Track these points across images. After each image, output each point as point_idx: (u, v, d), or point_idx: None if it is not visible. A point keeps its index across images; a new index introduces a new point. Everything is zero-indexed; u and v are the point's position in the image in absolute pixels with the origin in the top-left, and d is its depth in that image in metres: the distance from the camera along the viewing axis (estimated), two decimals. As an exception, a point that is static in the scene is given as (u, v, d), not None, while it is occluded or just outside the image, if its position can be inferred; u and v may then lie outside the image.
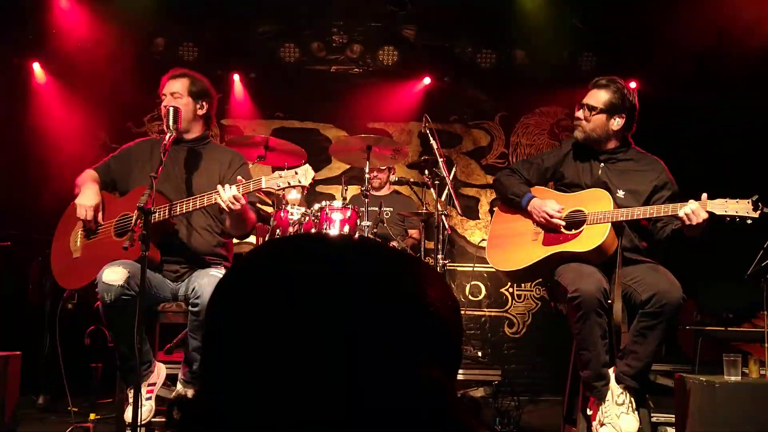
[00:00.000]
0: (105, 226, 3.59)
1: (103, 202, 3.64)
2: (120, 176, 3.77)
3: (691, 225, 3.27)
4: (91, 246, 3.61)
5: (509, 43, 7.15)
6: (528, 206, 3.74)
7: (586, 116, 3.68)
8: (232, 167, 3.71)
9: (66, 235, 3.74)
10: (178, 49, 7.10)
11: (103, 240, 3.58)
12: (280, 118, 7.34)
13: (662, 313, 3.27)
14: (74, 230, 3.70)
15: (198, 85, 3.71)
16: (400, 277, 0.69)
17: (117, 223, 3.54)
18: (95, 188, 3.63)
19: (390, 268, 0.69)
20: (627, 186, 3.64)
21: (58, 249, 3.75)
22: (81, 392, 4.42)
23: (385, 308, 0.65)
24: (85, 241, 3.64)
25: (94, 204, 3.55)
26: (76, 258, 3.65)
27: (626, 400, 3.39)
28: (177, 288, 3.58)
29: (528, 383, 6.67)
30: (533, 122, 7.39)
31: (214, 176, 3.67)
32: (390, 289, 0.66)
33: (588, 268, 3.44)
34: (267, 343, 0.63)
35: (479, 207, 7.29)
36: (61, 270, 3.72)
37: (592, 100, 3.68)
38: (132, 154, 3.79)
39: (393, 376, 0.62)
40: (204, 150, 3.77)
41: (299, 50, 7.15)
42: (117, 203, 3.66)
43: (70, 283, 3.67)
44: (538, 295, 7.09)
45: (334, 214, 4.76)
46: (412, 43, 7.26)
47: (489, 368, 4.75)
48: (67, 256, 3.68)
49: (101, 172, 3.78)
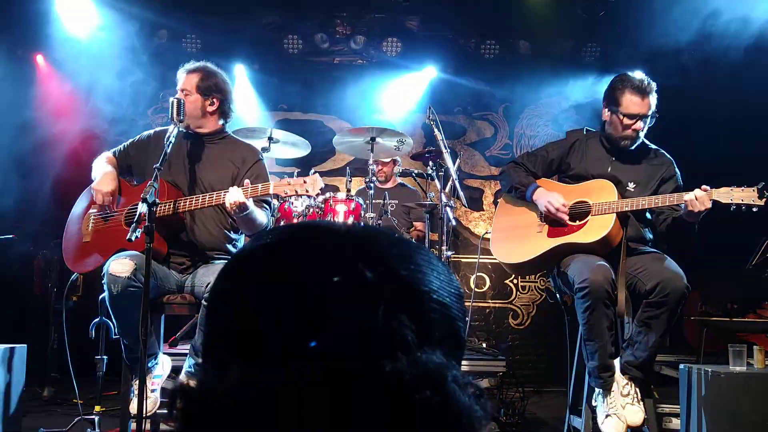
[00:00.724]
0: (117, 213, 3.61)
1: (119, 188, 3.66)
2: (137, 163, 3.77)
3: (692, 211, 3.26)
4: (101, 232, 3.63)
5: (513, 34, 7.13)
6: (533, 197, 3.72)
7: (643, 127, 3.61)
8: (246, 164, 3.71)
9: (80, 217, 3.76)
10: (182, 40, 7.09)
11: (113, 227, 3.59)
12: (283, 110, 7.34)
13: (666, 302, 3.27)
14: (88, 213, 3.72)
15: (208, 81, 3.69)
16: (402, 264, 0.68)
17: (128, 211, 3.55)
18: (113, 174, 3.65)
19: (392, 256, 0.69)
20: (637, 178, 3.63)
21: (71, 230, 3.78)
22: (86, 385, 4.43)
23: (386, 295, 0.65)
24: (96, 226, 3.66)
25: (110, 190, 3.57)
26: (86, 242, 3.67)
27: (631, 390, 3.39)
28: (183, 280, 3.58)
29: (532, 374, 6.69)
30: (537, 113, 7.37)
31: (227, 173, 3.67)
32: (391, 277, 0.66)
33: (596, 259, 3.43)
34: (266, 332, 0.64)
35: (483, 198, 7.28)
36: (71, 252, 3.74)
37: (651, 109, 3.58)
38: (150, 142, 3.79)
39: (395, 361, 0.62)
40: (219, 145, 3.77)
41: (303, 42, 7.14)
42: (132, 192, 3.67)
43: (76, 265, 3.69)
44: (543, 286, 7.09)
45: (338, 206, 4.77)
46: (415, 34, 7.25)
47: (494, 359, 4.75)
48: (78, 238, 3.71)
49: (119, 156, 3.79)
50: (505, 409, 4.68)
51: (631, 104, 3.54)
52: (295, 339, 0.62)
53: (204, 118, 3.72)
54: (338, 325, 0.62)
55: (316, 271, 0.65)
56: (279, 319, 0.64)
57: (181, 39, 7.09)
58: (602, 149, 3.74)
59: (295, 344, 0.62)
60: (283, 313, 0.64)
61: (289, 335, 0.63)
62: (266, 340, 0.64)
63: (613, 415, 3.36)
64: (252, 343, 0.64)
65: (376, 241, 0.70)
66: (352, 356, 0.61)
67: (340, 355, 0.61)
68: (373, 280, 0.64)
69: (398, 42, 7.15)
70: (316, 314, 0.63)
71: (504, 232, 3.89)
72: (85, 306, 5.31)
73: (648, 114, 3.56)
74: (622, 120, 3.57)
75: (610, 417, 3.36)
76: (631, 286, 3.43)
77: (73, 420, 3.94)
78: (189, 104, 3.62)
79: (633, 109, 3.54)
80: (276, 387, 0.61)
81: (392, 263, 0.67)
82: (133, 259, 3.23)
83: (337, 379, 0.61)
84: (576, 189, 3.70)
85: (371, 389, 0.61)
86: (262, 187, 3.32)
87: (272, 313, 0.64)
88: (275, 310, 0.64)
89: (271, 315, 0.64)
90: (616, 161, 3.69)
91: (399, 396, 0.61)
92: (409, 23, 7.23)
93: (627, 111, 3.55)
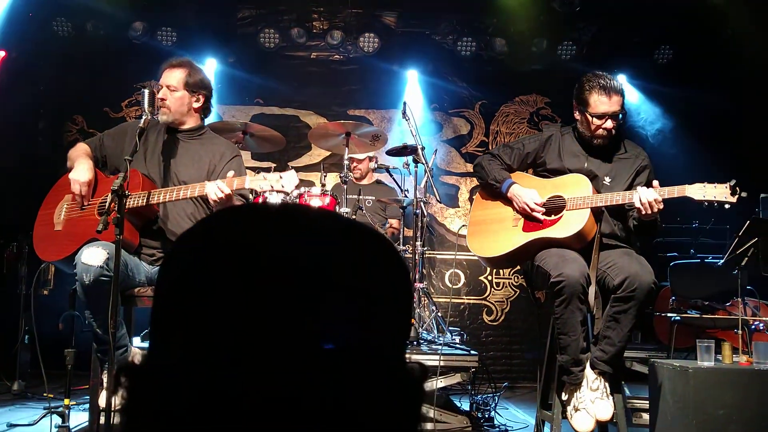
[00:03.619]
0: (91, 203, 3.57)
1: (96, 180, 3.62)
2: (111, 154, 3.75)
3: (647, 213, 3.32)
4: (73, 221, 3.60)
5: (489, 31, 7.15)
6: (508, 193, 3.74)
7: (614, 125, 3.63)
8: (224, 159, 3.70)
9: (53, 206, 3.72)
10: (157, 33, 7.02)
11: (85, 217, 3.56)
12: (259, 105, 7.30)
13: (634, 297, 3.31)
14: (61, 202, 3.69)
15: (195, 77, 3.68)
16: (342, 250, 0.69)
17: (101, 202, 3.52)
18: (89, 164, 3.61)
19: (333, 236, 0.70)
20: (612, 172, 3.67)
21: (43, 219, 3.74)
22: (55, 378, 4.39)
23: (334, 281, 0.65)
24: (68, 215, 3.62)
25: (87, 179, 3.53)
26: (57, 231, 3.64)
27: (600, 385, 3.42)
28: (153, 272, 3.55)
29: (506, 370, 6.73)
30: (513, 111, 7.41)
31: (204, 168, 3.65)
32: (331, 262, 0.67)
33: (571, 253, 3.46)
34: (209, 312, 0.64)
35: (459, 195, 7.30)
36: (40, 240, 3.70)
37: (619, 107, 3.60)
38: (126, 134, 3.76)
39: (340, 347, 0.63)
40: (199, 141, 3.75)
41: (279, 36, 7.10)
42: (107, 182, 3.63)
43: (46, 254, 3.65)
44: (517, 282, 7.13)
45: (312, 201, 4.76)
46: (392, 30, 7.25)
47: (467, 355, 4.77)
48: (49, 226, 3.67)
49: (93, 147, 3.76)
50: (478, 405, 4.70)
51: (598, 104, 3.57)
52: (227, 317, 0.63)
53: (188, 114, 3.71)
54: (267, 304, 0.63)
55: (242, 251, 0.65)
56: (213, 298, 0.64)
57: (157, 32, 7.02)
58: (577, 144, 3.77)
59: (228, 322, 0.62)
60: (216, 293, 0.64)
61: (223, 313, 0.63)
62: (204, 317, 0.64)
63: (582, 409, 3.39)
64: (192, 321, 0.64)
65: (300, 218, 0.71)
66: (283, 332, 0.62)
67: (272, 330, 0.62)
68: (296, 261, 0.65)
69: (375, 38, 7.14)
70: (246, 294, 0.63)
71: (480, 226, 3.91)
72: (56, 299, 5.25)
73: (618, 112, 3.59)
74: (591, 120, 3.61)
75: (580, 411, 3.39)
76: (600, 281, 3.47)
77: (43, 414, 3.90)
78: (176, 100, 3.62)
79: (601, 108, 3.57)
80: (214, 362, 0.61)
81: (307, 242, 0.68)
82: (105, 248, 3.20)
83: (264, 353, 0.61)
84: (551, 183, 3.73)
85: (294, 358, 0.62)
86: (238, 181, 3.31)
87: (206, 293, 0.65)
88: (209, 290, 0.65)
89: (205, 295, 0.65)
90: (591, 156, 3.73)
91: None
92: (387, 19, 7.23)
93: (595, 111, 3.58)
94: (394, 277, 0.72)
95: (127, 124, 3.84)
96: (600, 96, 3.57)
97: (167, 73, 3.66)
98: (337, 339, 0.63)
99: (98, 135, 3.86)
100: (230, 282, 0.64)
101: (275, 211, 0.71)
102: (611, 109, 3.57)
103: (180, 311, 0.66)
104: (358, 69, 7.31)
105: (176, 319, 0.66)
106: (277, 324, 0.62)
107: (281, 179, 3.29)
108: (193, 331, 0.64)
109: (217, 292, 0.64)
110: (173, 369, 0.63)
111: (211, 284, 0.65)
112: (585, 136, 3.70)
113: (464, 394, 5.06)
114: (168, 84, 3.63)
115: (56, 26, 6.89)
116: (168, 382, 0.63)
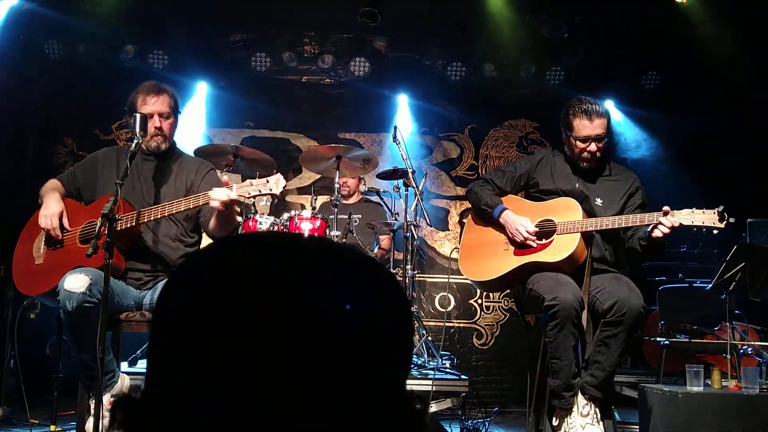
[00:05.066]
0: (70, 233, 3.54)
1: (70, 210, 3.59)
2: (85, 184, 3.72)
3: (664, 235, 3.34)
4: (54, 253, 3.55)
5: (478, 57, 7.21)
6: (500, 218, 3.77)
7: (599, 147, 3.70)
8: (200, 174, 3.70)
9: (29, 242, 3.67)
10: (148, 56, 7.03)
11: (67, 247, 3.52)
12: (250, 128, 7.31)
13: (623, 322, 3.32)
14: (38, 237, 3.64)
15: (176, 99, 3.71)
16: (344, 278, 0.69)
17: (83, 230, 3.49)
18: (57, 197, 3.58)
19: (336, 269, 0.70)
20: (603, 194, 3.71)
21: (20, 255, 3.69)
22: (42, 404, 4.33)
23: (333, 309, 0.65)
24: (47, 248, 3.58)
25: (57, 212, 3.50)
26: (38, 264, 3.58)
27: (591, 411, 3.42)
28: (141, 296, 3.53)
29: (496, 395, 6.70)
30: (502, 135, 7.45)
31: (181, 186, 3.65)
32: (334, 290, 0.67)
33: (564, 277, 3.48)
34: (212, 341, 0.64)
35: (449, 218, 7.31)
36: (21, 276, 3.65)
37: (602, 130, 3.68)
38: (98, 162, 3.75)
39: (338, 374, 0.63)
40: (172, 160, 3.75)
41: (270, 60, 7.13)
42: (83, 211, 3.61)
43: (30, 289, 3.59)
44: (507, 306, 7.13)
45: (303, 224, 4.76)
46: (383, 54, 7.30)
47: (457, 379, 4.75)
48: (29, 262, 3.62)
49: (65, 181, 3.74)
50: (468, 430, 4.67)
51: (581, 128, 3.65)
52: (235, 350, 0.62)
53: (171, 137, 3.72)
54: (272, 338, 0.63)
55: (253, 284, 0.65)
56: (218, 330, 0.64)
57: (148, 55, 7.04)
58: (568, 167, 3.82)
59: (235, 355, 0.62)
60: (222, 325, 0.64)
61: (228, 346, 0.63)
62: (207, 351, 0.64)
63: (573, 435, 3.38)
64: (194, 353, 0.64)
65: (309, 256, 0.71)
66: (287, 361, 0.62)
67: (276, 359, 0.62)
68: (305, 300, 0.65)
69: (366, 62, 7.18)
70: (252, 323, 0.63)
71: (471, 249, 3.93)
72: (43, 323, 5.21)
73: (601, 135, 3.66)
74: (575, 143, 3.68)
75: (570, 437, 3.38)
76: (590, 306, 3.48)
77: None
78: (171, 127, 3.64)
79: (584, 132, 3.65)
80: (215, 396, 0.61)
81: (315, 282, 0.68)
82: (88, 274, 3.16)
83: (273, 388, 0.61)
84: (542, 207, 3.76)
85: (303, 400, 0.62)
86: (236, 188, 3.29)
87: (212, 325, 0.65)
88: (215, 323, 0.64)
89: (211, 327, 0.65)
90: (582, 178, 3.78)
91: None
92: (377, 44, 7.28)
93: (578, 134, 3.66)
94: (397, 308, 0.72)
95: (98, 153, 3.83)
96: (582, 120, 3.65)
97: (156, 101, 3.61)
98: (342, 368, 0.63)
99: (69, 169, 3.86)
100: (237, 310, 0.64)
101: (278, 239, 0.71)
102: (594, 132, 3.65)
103: (183, 339, 0.66)
104: (348, 93, 7.35)
105: (178, 347, 0.66)
106: (281, 353, 0.62)
107: (268, 183, 3.27)
108: (196, 359, 0.63)
109: (224, 321, 0.64)
110: (174, 398, 0.62)
111: (217, 313, 0.64)
112: (572, 159, 3.77)
113: (455, 419, 5.03)
114: (161, 112, 3.61)
115: (47, 49, 6.90)
116: (169, 412, 0.63)
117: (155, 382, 0.67)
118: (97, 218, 3.20)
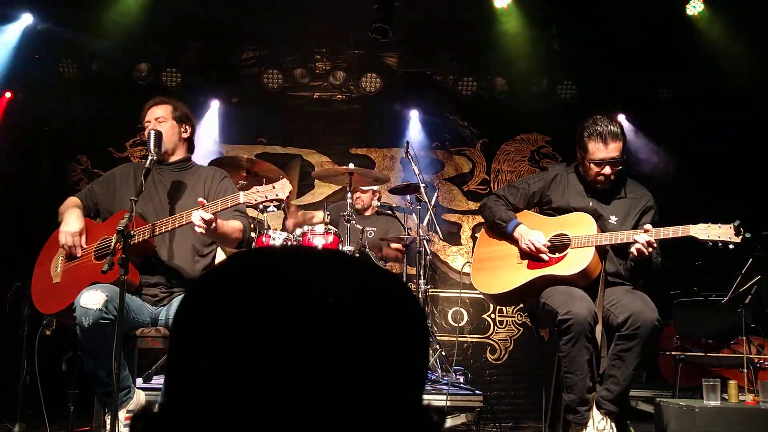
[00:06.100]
0: (86, 250, 3.56)
1: (86, 228, 3.62)
2: (103, 200, 3.76)
3: (645, 253, 3.38)
4: (70, 270, 3.57)
5: (489, 71, 7.24)
6: (514, 233, 3.76)
7: (614, 171, 3.68)
8: (215, 181, 3.72)
9: (47, 262, 3.70)
10: (161, 74, 7.11)
11: (83, 263, 3.54)
12: (262, 144, 7.35)
13: (638, 335, 3.30)
14: (56, 256, 3.67)
15: (180, 110, 3.76)
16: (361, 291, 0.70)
17: (98, 246, 3.51)
18: (78, 213, 3.61)
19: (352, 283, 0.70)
20: (617, 212, 3.69)
21: (39, 275, 3.71)
22: (58, 419, 4.34)
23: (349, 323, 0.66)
24: (65, 266, 3.60)
25: (77, 230, 3.52)
26: (56, 283, 3.60)
27: (607, 425, 3.39)
28: (157, 312, 3.54)
29: (510, 409, 6.66)
30: (514, 149, 7.45)
31: (198, 195, 3.66)
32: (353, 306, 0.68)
33: (578, 291, 3.47)
34: (230, 356, 0.64)
35: (461, 233, 7.31)
36: (39, 295, 3.67)
37: (617, 153, 3.65)
38: (115, 178, 3.79)
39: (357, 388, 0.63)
40: (188, 172, 3.77)
41: (282, 76, 7.20)
42: (98, 228, 3.63)
43: (48, 307, 3.61)
44: (520, 321, 7.10)
45: (315, 239, 4.77)
46: (394, 70, 7.34)
47: (471, 394, 4.73)
48: (47, 281, 3.64)
49: (83, 197, 3.78)
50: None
51: (596, 151, 3.63)
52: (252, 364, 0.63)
53: (178, 144, 3.75)
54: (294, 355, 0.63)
55: (270, 299, 0.66)
56: (236, 345, 0.64)
57: (161, 73, 7.12)
58: (581, 184, 3.80)
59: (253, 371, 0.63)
60: (242, 341, 0.64)
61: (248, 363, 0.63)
62: (224, 365, 0.64)
63: (588, 450, 3.35)
64: (212, 367, 0.65)
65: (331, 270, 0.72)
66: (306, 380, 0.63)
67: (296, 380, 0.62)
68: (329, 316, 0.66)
69: (377, 78, 7.23)
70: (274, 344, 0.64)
71: (484, 263, 3.92)
72: (59, 340, 5.22)
73: (616, 158, 3.63)
74: (590, 166, 3.66)
75: (586, 452, 3.36)
76: (604, 319, 3.47)
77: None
78: (168, 130, 3.65)
79: (598, 155, 3.63)
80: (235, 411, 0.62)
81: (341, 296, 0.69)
82: (104, 291, 3.17)
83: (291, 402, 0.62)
84: (556, 222, 3.75)
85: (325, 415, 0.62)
86: (232, 198, 3.30)
87: (230, 339, 0.65)
88: (232, 337, 0.65)
89: (228, 341, 0.65)
90: (595, 196, 3.76)
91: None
92: (388, 59, 7.33)
93: (593, 157, 3.64)
94: (413, 321, 0.73)
95: (116, 169, 3.88)
96: (597, 143, 3.62)
97: (152, 110, 3.72)
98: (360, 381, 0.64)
99: (87, 186, 3.91)
100: (255, 324, 0.64)
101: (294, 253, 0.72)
102: (609, 156, 3.61)
103: (201, 353, 0.66)
104: (360, 108, 7.38)
105: (197, 361, 0.66)
106: (300, 368, 0.63)
107: (275, 188, 3.28)
108: (214, 373, 0.64)
109: (241, 335, 0.64)
110: (192, 412, 0.63)
111: (235, 327, 0.65)
112: (586, 180, 3.75)
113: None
114: (156, 117, 3.68)
115: (62, 67, 6.99)
116: (187, 426, 0.63)
117: (174, 396, 0.68)
118: (111, 234, 3.21)
